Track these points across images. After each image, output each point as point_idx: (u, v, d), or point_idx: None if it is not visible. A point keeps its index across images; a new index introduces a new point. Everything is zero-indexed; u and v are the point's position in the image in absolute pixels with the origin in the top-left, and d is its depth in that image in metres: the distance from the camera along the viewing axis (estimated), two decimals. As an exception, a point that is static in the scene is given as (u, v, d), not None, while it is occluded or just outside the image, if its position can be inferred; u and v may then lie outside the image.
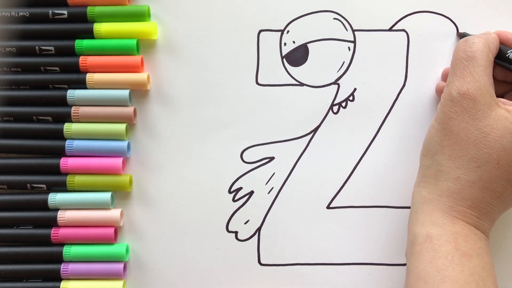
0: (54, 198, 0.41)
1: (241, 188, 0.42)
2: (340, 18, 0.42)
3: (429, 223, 0.34)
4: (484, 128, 0.34)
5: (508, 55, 0.37)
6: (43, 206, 0.41)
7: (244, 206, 0.42)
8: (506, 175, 0.34)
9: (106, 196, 0.41)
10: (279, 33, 0.42)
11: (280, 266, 0.42)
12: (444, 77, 0.41)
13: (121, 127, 0.41)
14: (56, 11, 0.41)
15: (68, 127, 0.41)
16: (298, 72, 0.42)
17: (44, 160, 0.41)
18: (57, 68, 0.41)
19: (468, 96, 0.34)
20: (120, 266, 0.41)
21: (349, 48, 0.42)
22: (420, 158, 0.37)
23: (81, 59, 0.41)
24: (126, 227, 0.42)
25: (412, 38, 0.42)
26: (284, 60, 0.42)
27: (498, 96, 0.39)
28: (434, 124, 0.36)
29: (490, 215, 0.35)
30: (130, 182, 0.42)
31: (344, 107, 0.42)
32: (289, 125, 0.42)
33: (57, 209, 0.41)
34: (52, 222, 0.41)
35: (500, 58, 0.37)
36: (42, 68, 0.41)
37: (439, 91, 0.41)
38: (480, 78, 0.34)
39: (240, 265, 0.42)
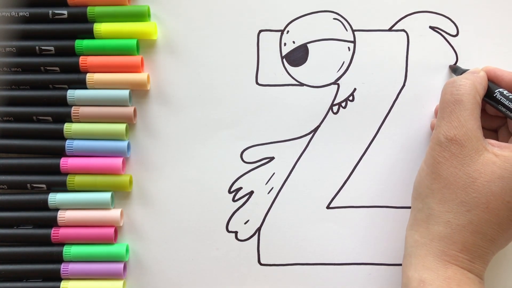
0: (54, 198, 0.41)
1: (241, 188, 0.42)
2: (340, 18, 0.42)
3: (422, 268, 0.35)
4: (472, 173, 0.34)
5: (496, 95, 0.37)
6: (43, 206, 0.41)
7: (244, 206, 0.42)
8: (496, 219, 0.34)
9: (106, 196, 0.41)
10: (279, 33, 0.42)
11: (280, 266, 0.42)
12: (436, 113, 0.41)
13: (121, 127, 0.41)
14: (56, 11, 0.41)
15: (68, 127, 0.41)
16: (298, 72, 0.42)
17: (44, 160, 0.41)
18: (57, 68, 0.41)
19: (455, 141, 0.35)
20: (120, 266, 0.41)
21: (349, 48, 0.42)
22: (412, 201, 0.37)
23: (81, 59, 0.41)
24: (126, 227, 0.42)
25: (412, 38, 0.42)
26: (284, 60, 0.42)
27: (492, 130, 0.40)
28: (423, 167, 0.36)
29: (483, 258, 0.35)
30: (130, 182, 0.42)
31: (344, 107, 0.42)
32: (289, 125, 0.42)
33: (57, 209, 0.41)
34: (52, 222, 0.41)
35: (488, 97, 0.37)
36: (42, 68, 0.41)
37: (433, 128, 0.41)
38: (466, 123, 0.35)
39: (240, 265, 0.42)
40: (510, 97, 0.36)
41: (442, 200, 0.35)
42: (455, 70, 0.41)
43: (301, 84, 0.42)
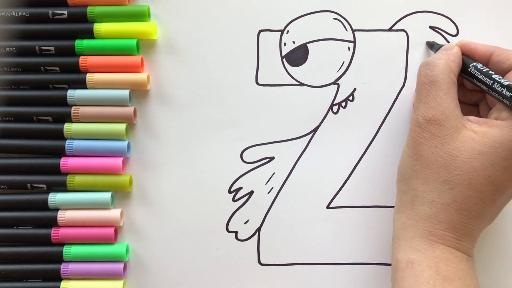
0: (54, 198, 0.41)
1: (241, 188, 0.42)
2: (340, 18, 0.42)
3: (409, 249, 0.35)
4: (452, 151, 0.34)
5: (470, 70, 0.37)
6: (43, 206, 0.41)
7: (244, 206, 0.42)
8: (479, 195, 0.34)
9: (106, 196, 0.41)
10: (279, 33, 0.42)
11: (280, 266, 0.42)
12: None
13: (121, 127, 0.41)
14: (56, 11, 0.41)
15: (68, 127, 0.41)
16: (298, 72, 0.42)
17: (44, 160, 0.41)
18: (57, 68, 0.41)
19: (434, 121, 0.35)
20: (120, 266, 0.41)
21: (349, 48, 0.42)
22: (397, 184, 0.38)
23: (81, 59, 0.41)
24: (126, 227, 0.42)
25: (412, 38, 0.42)
26: (284, 60, 0.42)
27: (472, 105, 0.40)
28: (405, 150, 0.37)
29: (470, 235, 0.35)
30: (130, 182, 0.42)
31: (344, 107, 0.42)
32: (289, 125, 0.42)
33: (57, 209, 0.41)
34: (52, 222, 0.41)
35: (464, 72, 0.37)
36: (42, 68, 0.41)
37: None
38: (443, 102, 0.35)
39: (240, 265, 0.42)
40: (484, 70, 0.36)
41: (426, 180, 0.35)
42: (432, 46, 0.41)
43: (301, 84, 0.42)
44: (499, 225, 0.41)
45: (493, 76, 0.35)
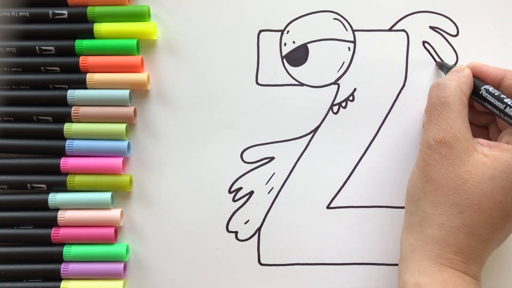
0: (54, 198, 0.41)
1: (241, 188, 0.42)
2: (340, 18, 0.42)
3: (417, 272, 0.34)
4: (463, 174, 0.34)
5: (482, 93, 0.37)
6: (43, 206, 0.41)
7: (244, 206, 0.42)
8: (489, 220, 0.34)
9: (106, 196, 0.41)
10: (279, 33, 0.42)
11: (280, 266, 0.42)
12: None
13: (121, 127, 0.41)
14: (56, 11, 0.41)
15: (68, 127, 0.41)
16: (298, 72, 0.42)
17: (44, 160, 0.41)
18: (57, 68, 0.41)
19: (445, 143, 0.35)
20: (120, 266, 0.41)
21: (349, 48, 0.42)
22: (405, 204, 0.38)
23: (81, 59, 0.41)
24: (126, 227, 0.42)
25: (412, 38, 0.42)
26: (284, 60, 0.42)
27: (482, 126, 0.40)
28: (415, 170, 0.37)
29: (478, 259, 0.35)
30: (130, 182, 0.42)
31: (344, 107, 0.42)
32: (289, 125, 0.42)
33: (57, 209, 0.41)
34: (52, 222, 0.41)
35: (475, 94, 0.37)
36: (42, 68, 0.41)
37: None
38: (454, 124, 0.35)
39: (240, 265, 0.42)
40: (495, 94, 0.36)
41: (435, 202, 0.35)
42: (442, 66, 0.41)
43: (301, 84, 0.42)
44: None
45: (505, 100, 0.35)
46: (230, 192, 0.42)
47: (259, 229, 0.42)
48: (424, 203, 0.35)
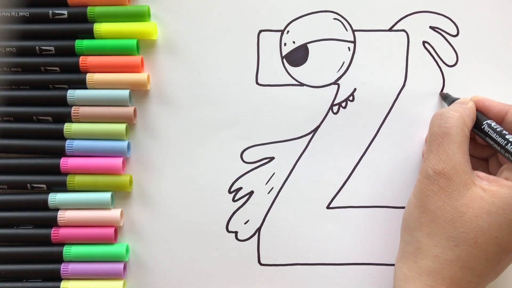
0: (54, 198, 0.41)
1: (241, 188, 0.42)
2: (340, 18, 0.42)
3: None
4: (460, 208, 0.34)
5: (484, 127, 0.36)
6: (43, 206, 0.41)
7: (244, 206, 0.42)
8: (485, 254, 0.33)
9: (106, 196, 0.41)
10: (279, 33, 0.42)
11: (280, 266, 0.42)
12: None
13: (121, 127, 0.41)
14: (56, 11, 0.41)
15: (68, 127, 0.41)
16: (298, 72, 0.42)
17: (44, 160, 0.41)
18: (57, 68, 0.41)
19: (443, 175, 0.34)
20: (120, 266, 0.41)
21: (349, 48, 0.42)
22: (401, 232, 0.37)
23: (81, 59, 0.41)
24: (126, 227, 0.42)
25: (412, 38, 0.42)
26: (284, 60, 0.42)
27: (482, 159, 0.40)
28: (412, 200, 0.36)
29: None
30: (130, 182, 0.42)
31: (344, 107, 0.42)
32: (289, 125, 0.42)
33: (57, 209, 0.41)
34: (52, 222, 0.41)
35: (477, 128, 0.37)
36: (42, 68, 0.41)
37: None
38: (454, 156, 0.34)
39: (240, 265, 0.42)
40: (497, 129, 0.36)
41: (430, 234, 0.34)
42: (445, 97, 0.41)
43: (301, 84, 0.42)
44: None
45: (506, 136, 0.35)
46: (230, 192, 0.42)
47: (259, 229, 0.42)
48: (420, 233, 0.35)
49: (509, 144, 0.35)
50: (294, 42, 0.42)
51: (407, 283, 0.35)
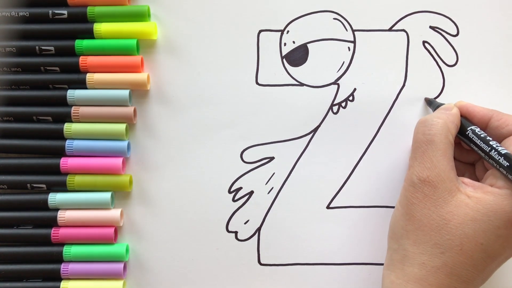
0: (54, 198, 0.41)
1: (241, 188, 0.42)
2: (340, 18, 0.42)
3: None
4: (445, 215, 0.34)
5: (468, 133, 0.36)
6: (43, 206, 0.41)
7: (244, 206, 0.42)
8: (471, 261, 0.33)
9: (106, 196, 0.41)
10: (279, 33, 0.42)
11: (280, 266, 0.42)
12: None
13: (121, 127, 0.41)
14: (56, 11, 0.41)
15: (68, 127, 0.41)
16: (298, 72, 0.42)
17: (44, 160, 0.41)
18: (57, 68, 0.41)
19: (428, 182, 0.34)
20: (120, 266, 0.41)
21: (349, 48, 0.42)
22: (388, 240, 0.37)
23: (81, 59, 0.41)
24: (126, 227, 0.42)
25: (412, 38, 0.42)
26: (284, 60, 0.42)
27: (469, 164, 0.39)
28: (398, 208, 0.36)
29: None
30: (130, 182, 0.42)
31: (344, 107, 0.42)
32: (289, 125, 0.42)
33: (57, 209, 0.41)
34: (52, 222, 0.41)
35: (461, 134, 0.37)
36: (42, 68, 0.41)
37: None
38: (439, 164, 0.34)
39: (240, 265, 0.42)
40: (481, 135, 0.36)
41: (417, 241, 0.34)
42: (430, 103, 0.41)
43: (301, 84, 0.42)
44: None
45: (490, 143, 0.35)
46: (230, 192, 0.42)
47: (259, 229, 0.42)
48: (406, 241, 0.35)
49: (493, 150, 0.35)
50: (294, 42, 0.42)
51: None
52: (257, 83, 0.42)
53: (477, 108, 0.38)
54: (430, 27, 0.42)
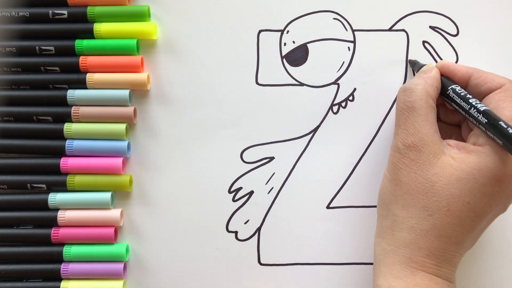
0: (54, 198, 0.41)
1: (241, 188, 0.42)
2: (340, 18, 0.42)
3: (390, 276, 0.35)
4: (431, 177, 0.34)
5: (449, 93, 0.37)
6: (43, 206, 0.41)
7: (244, 206, 0.42)
8: (459, 221, 0.34)
9: (106, 196, 0.41)
10: (279, 33, 0.42)
11: (280, 266, 0.42)
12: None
13: (121, 127, 0.41)
14: (56, 11, 0.41)
15: (68, 127, 0.41)
16: (298, 72, 0.42)
17: (44, 160, 0.41)
18: (57, 68, 0.41)
19: (413, 147, 0.35)
20: (120, 266, 0.41)
21: (349, 48, 0.42)
22: (377, 208, 0.38)
23: (81, 59, 0.41)
24: (126, 227, 0.42)
25: (412, 38, 0.42)
26: (284, 60, 0.42)
27: (455, 126, 0.40)
28: (386, 174, 0.37)
29: (450, 261, 0.35)
30: (130, 182, 0.42)
31: (344, 107, 0.42)
32: (289, 125, 0.42)
33: (57, 209, 0.41)
34: (52, 222, 0.41)
35: (443, 94, 0.37)
36: (42, 68, 0.41)
37: None
38: (422, 128, 0.35)
39: (240, 265, 0.42)
40: (461, 94, 0.36)
41: (405, 205, 0.35)
42: (414, 64, 0.41)
43: (301, 84, 0.42)
44: (499, 225, 0.41)
45: (470, 101, 0.35)
46: (230, 192, 0.42)
47: (259, 229, 0.42)
48: (395, 206, 0.35)
49: (472, 108, 0.35)
50: (294, 42, 0.42)
51: (386, 257, 0.35)
52: (257, 83, 0.42)
53: (458, 67, 0.38)
54: (430, 27, 0.42)
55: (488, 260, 0.41)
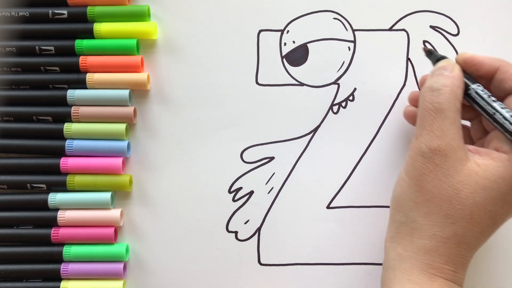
0: (54, 198, 0.41)
1: (241, 188, 0.42)
2: (340, 18, 0.42)
3: (407, 281, 0.34)
4: (456, 185, 0.33)
5: (470, 93, 0.35)
6: (43, 206, 0.41)
7: (244, 206, 0.42)
8: (479, 228, 0.33)
9: (106, 196, 0.41)
10: (279, 33, 0.42)
11: (280, 266, 0.42)
12: (412, 101, 0.40)
13: (121, 127, 0.41)
14: (56, 11, 0.41)
15: (68, 127, 0.41)
16: (298, 72, 0.42)
17: (44, 160, 0.41)
18: (57, 68, 0.41)
19: (439, 152, 0.33)
20: (120, 266, 0.41)
21: (349, 48, 0.42)
22: (391, 212, 0.36)
23: (81, 59, 0.41)
24: (126, 227, 0.42)
25: (412, 38, 0.42)
26: (284, 60, 0.42)
27: (467, 119, 0.38)
28: (404, 179, 0.35)
29: (464, 267, 0.34)
30: (130, 182, 0.42)
31: (344, 107, 0.42)
32: (289, 125, 0.42)
33: (57, 209, 0.41)
34: (52, 222, 0.41)
35: (464, 92, 0.36)
36: (42, 68, 0.41)
37: (408, 117, 0.40)
38: (449, 132, 0.33)
39: (240, 265, 0.42)
40: (485, 97, 0.34)
41: (427, 213, 0.34)
42: (430, 54, 0.38)
43: (301, 84, 0.42)
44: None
45: (494, 104, 0.34)
46: (230, 192, 0.42)
47: (259, 229, 0.42)
48: (416, 213, 0.34)
49: (497, 113, 0.34)
50: (294, 42, 0.42)
51: (402, 262, 0.34)
52: (257, 83, 0.42)
53: (484, 60, 0.36)
54: (431, 26, 0.42)
55: (488, 260, 0.41)
